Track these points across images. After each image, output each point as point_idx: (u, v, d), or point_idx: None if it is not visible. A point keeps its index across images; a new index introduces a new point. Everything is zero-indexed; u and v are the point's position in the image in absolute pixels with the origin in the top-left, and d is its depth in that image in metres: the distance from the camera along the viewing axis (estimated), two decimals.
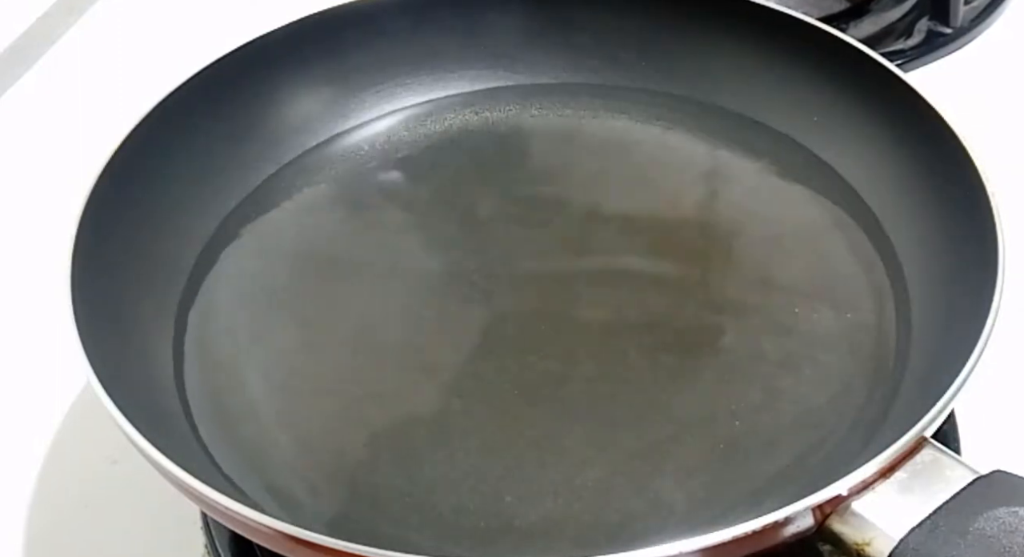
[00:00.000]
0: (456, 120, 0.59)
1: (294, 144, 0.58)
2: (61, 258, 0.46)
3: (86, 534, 0.52)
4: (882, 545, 0.38)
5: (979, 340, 0.42)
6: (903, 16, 0.73)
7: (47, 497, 0.53)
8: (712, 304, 0.50)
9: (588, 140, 0.58)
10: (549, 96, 0.60)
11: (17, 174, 0.70)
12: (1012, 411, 0.53)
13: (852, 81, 0.54)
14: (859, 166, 0.54)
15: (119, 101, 0.57)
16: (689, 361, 0.48)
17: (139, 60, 0.76)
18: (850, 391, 0.47)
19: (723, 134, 0.58)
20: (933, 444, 0.40)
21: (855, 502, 0.38)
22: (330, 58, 0.58)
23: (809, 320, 0.49)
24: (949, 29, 0.72)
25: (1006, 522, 0.37)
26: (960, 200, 0.48)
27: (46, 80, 0.76)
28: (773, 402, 0.46)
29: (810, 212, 0.54)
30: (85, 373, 0.42)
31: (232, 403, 0.47)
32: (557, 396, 0.47)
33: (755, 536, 0.37)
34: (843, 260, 0.52)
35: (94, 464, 0.53)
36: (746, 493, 0.43)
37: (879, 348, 0.48)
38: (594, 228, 0.54)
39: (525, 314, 0.50)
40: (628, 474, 0.44)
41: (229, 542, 0.48)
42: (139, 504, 0.52)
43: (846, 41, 0.54)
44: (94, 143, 0.51)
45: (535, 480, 0.44)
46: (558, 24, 0.60)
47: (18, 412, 0.56)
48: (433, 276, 0.52)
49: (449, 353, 0.49)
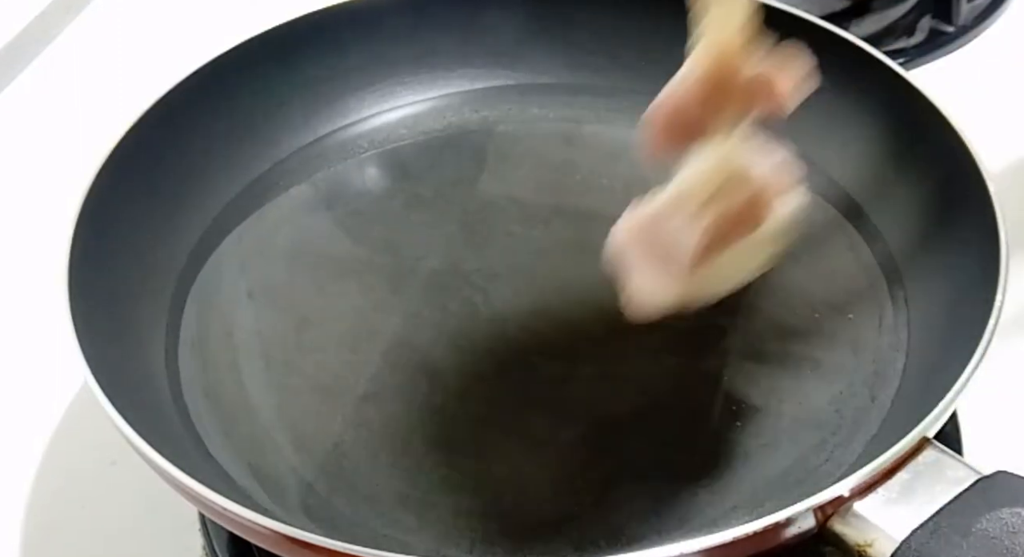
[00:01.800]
0: (455, 119, 0.59)
1: (292, 142, 0.57)
2: (58, 257, 0.46)
3: (84, 536, 0.51)
4: (884, 546, 0.37)
5: (981, 340, 0.42)
6: (905, 14, 0.72)
7: (45, 498, 0.53)
8: (713, 305, 0.50)
9: (588, 140, 0.58)
10: (549, 95, 0.60)
11: (14, 173, 0.69)
12: (1014, 411, 0.53)
13: (854, 80, 0.54)
14: (860, 165, 0.54)
15: (116, 99, 0.57)
16: (689, 361, 0.48)
17: (136, 58, 0.75)
18: (851, 391, 0.47)
19: None
20: (935, 445, 0.40)
21: (857, 503, 0.38)
22: (329, 56, 0.58)
23: (810, 321, 0.49)
24: (951, 27, 0.72)
25: (1009, 523, 0.37)
26: (962, 199, 0.48)
27: (43, 78, 0.76)
28: (774, 404, 0.46)
29: (810, 213, 0.54)
30: (83, 374, 0.42)
31: (229, 403, 0.47)
32: (557, 396, 0.47)
33: (756, 537, 0.37)
34: (843, 260, 0.52)
35: (92, 465, 0.53)
36: (747, 494, 0.43)
37: (880, 348, 0.48)
38: (594, 228, 0.54)
39: (525, 315, 0.50)
40: (628, 476, 0.44)
41: (227, 543, 0.48)
42: (137, 505, 0.52)
43: (848, 39, 0.54)
44: (91, 141, 0.51)
45: (535, 480, 0.44)
46: (558, 23, 0.60)
47: (16, 413, 0.56)
48: (432, 275, 0.52)
49: (449, 353, 0.49)
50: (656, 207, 0.39)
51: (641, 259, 0.40)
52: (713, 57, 0.39)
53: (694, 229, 0.38)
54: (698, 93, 0.39)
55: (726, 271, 0.41)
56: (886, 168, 0.53)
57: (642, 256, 0.40)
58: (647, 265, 0.39)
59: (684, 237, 0.38)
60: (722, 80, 0.39)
